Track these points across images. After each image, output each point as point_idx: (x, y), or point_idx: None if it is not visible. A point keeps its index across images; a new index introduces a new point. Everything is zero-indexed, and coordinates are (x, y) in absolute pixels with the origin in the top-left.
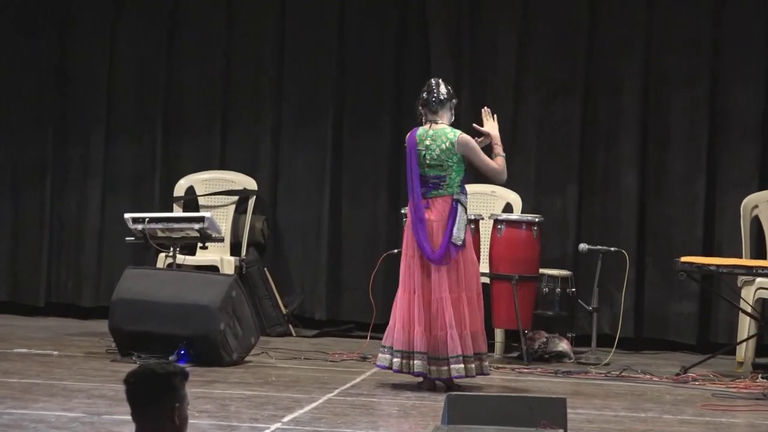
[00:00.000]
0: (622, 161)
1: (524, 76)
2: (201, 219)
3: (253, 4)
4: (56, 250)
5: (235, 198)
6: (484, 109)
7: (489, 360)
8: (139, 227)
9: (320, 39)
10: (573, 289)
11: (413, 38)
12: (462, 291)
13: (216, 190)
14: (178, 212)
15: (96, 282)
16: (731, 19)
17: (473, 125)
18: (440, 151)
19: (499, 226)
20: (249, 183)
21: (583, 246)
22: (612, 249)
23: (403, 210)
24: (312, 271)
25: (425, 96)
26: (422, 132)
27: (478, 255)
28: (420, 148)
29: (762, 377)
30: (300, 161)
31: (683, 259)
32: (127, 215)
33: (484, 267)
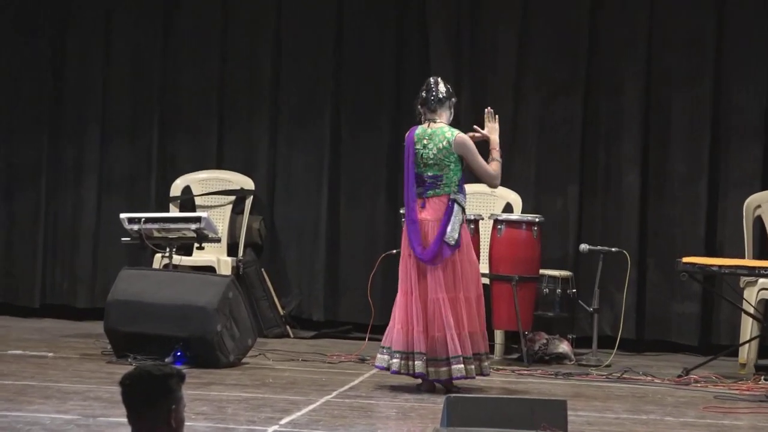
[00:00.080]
0: (623, 161)
1: (524, 76)
2: (197, 219)
3: (251, 2)
4: (51, 251)
5: (232, 198)
6: (488, 110)
7: (489, 361)
8: (135, 227)
9: (319, 38)
10: (573, 290)
11: (413, 38)
12: (459, 291)
13: (213, 190)
14: (175, 212)
15: (91, 283)
16: (733, 18)
17: (474, 127)
18: (437, 150)
19: (499, 227)
20: (246, 183)
21: (584, 246)
22: (613, 249)
23: (402, 210)
24: (310, 272)
25: (424, 95)
26: (421, 131)
27: (478, 255)
28: (418, 147)
29: (765, 379)
30: (298, 161)
31: (685, 260)
32: (123, 215)
33: (484, 267)
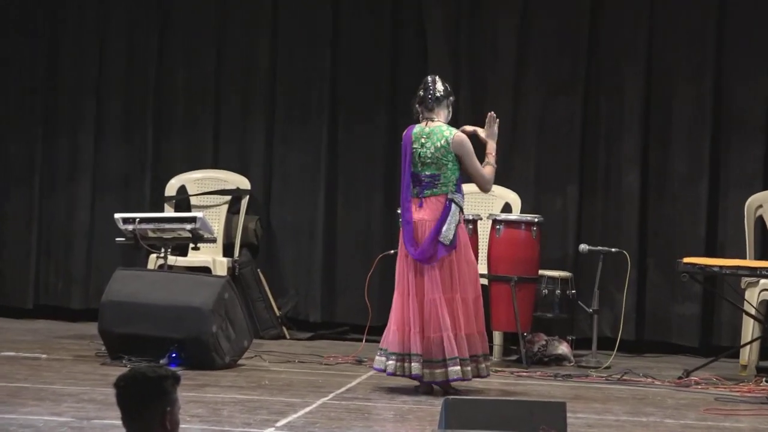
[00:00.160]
0: (624, 160)
1: (524, 74)
2: (193, 219)
3: (246, 0)
4: (45, 251)
5: (228, 198)
6: (490, 115)
7: (487, 362)
8: (130, 227)
9: (315, 36)
10: (573, 291)
11: (410, 35)
12: (456, 292)
13: (208, 190)
14: (170, 212)
15: (85, 283)
16: (734, 17)
17: (476, 128)
18: (435, 149)
19: (498, 227)
20: (242, 182)
21: (584, 247)
22: (613, 250)
23: (399, 210)
24: (306, 273)
25: (422, 93)
26: (418, 130)
27: (476, 256)
28: (415, 146)
29: (766, 381)
30: (294, 160)
31: (686, 260)
32: (117, 215)
33: (483, 268)
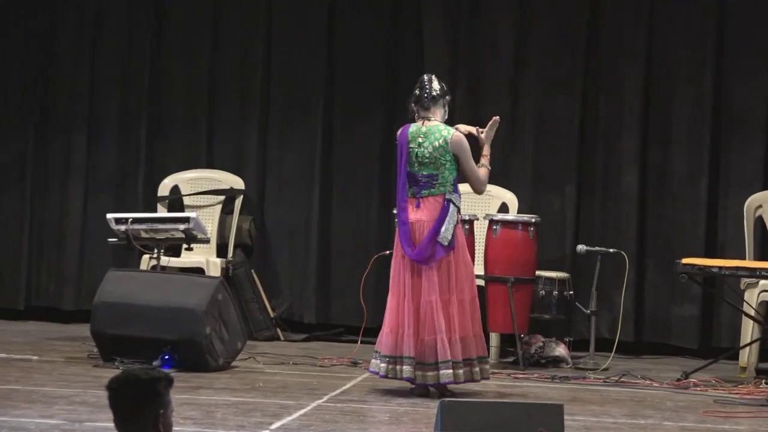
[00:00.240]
0: (622, 160)
1: (522, 72)
2: (186, 219)
3: None
4: (37, 252)
5: (222, 198)
6: (495, 119)
7: (482, 366)
8: (122, 228)
9: (309, 32)
10: (571, 292)
11: (407, 34)
12: (453, 294)
13: (202, 190)
14: (163, 212)
15: (77, 284)
16: (735, 17)
17: (471, 130)
18: (433, 149)
19: (495, 227)
20: (236, 182)
21: (582, 247)
22: (611, 250)
23: (395, 210)
24: (301, 274)
25: (417, 92)
26: (415, 129)
27: (473, 256)
28: (412, 146)
29: (766, 383)
30: (289, 160)
31: (684, 261)
32: (110, 215)
33: (479, 269)
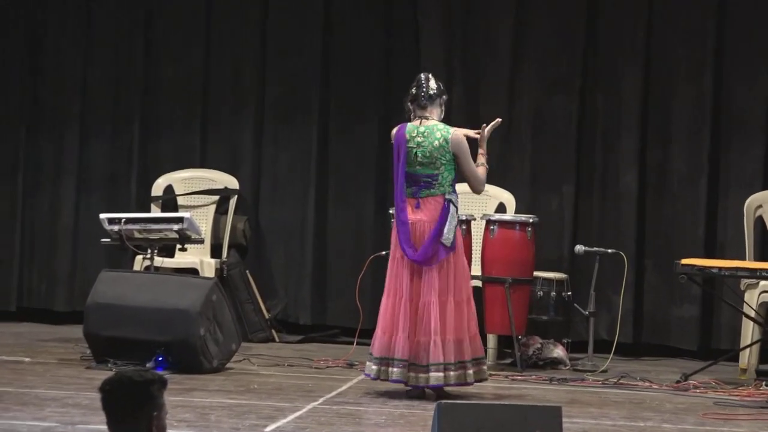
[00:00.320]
0: (621, 159)
1: (519, 71)
2: (180, 219)
3: None
4: (28, 253)
5: (216, 197)
6: (498, 121)
7: (476, 368)
8: (115, 228)
9: (305, 31)
10: (569, 293)
11: (403, 32)
12: (450, 295)
13: (196, 189)
14: (156, 212)
15: (70, 285)
16: (735, 17)
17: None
18: (433, 148)
19: (492, 227)
20: (230, 182)
21: (580, 248)
22: (610, 251)
23: (391, 210)
24: (296, 274)
25: (414, 91)
26: (412, 128)
27: (470, 257)
28: (411, 145)
29: (766, 385)
30: (284, 159)
31: (684, 262)
32: (103, 216)
33: (476, 270)
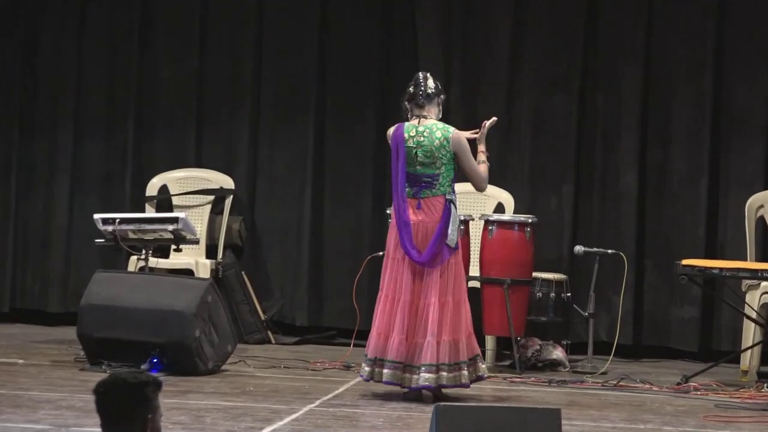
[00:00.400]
0: (621, 159)
1: (518, 70)
2: (175, 220)
3: None
4: (22, 253)
5: (211, 197)
6: (494, 119)
7: (470, 368)
8: (110, 228)
9: (301, 29)
10: (568, 294)
11: (401, 31)
12: (450, 295)
13: (191, 189)
14: (151, 212)
15: (63, 286)
16: (735, 17)
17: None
18: (434, 148)
19: (491, 227)
20: (226, 182)
21: (579, 248)
22: (609, 251)
23: (389, 210)
24: (292, 275)
25: (412, 90)
26: (410, 127)
27: (468, 257)
28: (410, 145)
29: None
30: (280, 159)
31: (684, 262)
32: (97, 216)
33: (474, 270)
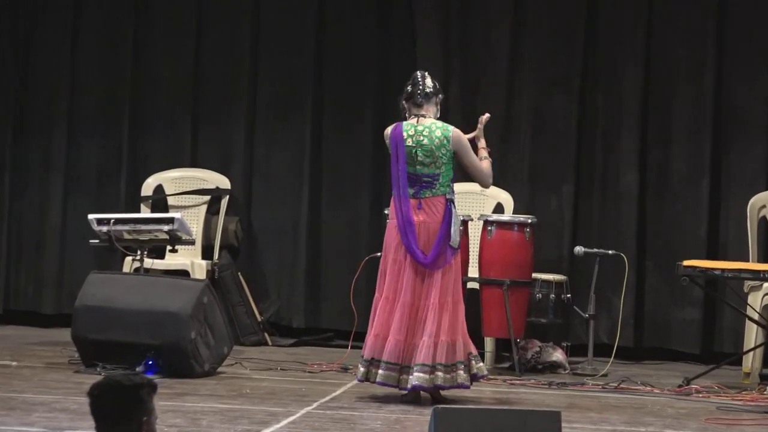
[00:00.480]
0: (622, 159)
1: (518, 70)
2: (170, 220)
3: None
4: (15, 254)
5: (207, 198)
6: (487, 115)
7: (468, 366)
8: (104, 229)
9: (298, 28)
10: (568, 295)
11: (399, 30)
12: (449, 296)
13: (186, 189)
14: (146, 213)
15: (58, 288)
16: (735, 17)
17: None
18: (435, 147)
19: (490, 228)
20: (222, 181)
21: (579, 249)
22: (610, 252)
23: (386, 210)
24: (289, 276)
25: (410, 89)
26: (409, 127)
27: (467, 258)
28: (409, 144)
29: None
30: (276, 158)
31: (686, 263)
32: (91, 216)
33: (474, 271)
